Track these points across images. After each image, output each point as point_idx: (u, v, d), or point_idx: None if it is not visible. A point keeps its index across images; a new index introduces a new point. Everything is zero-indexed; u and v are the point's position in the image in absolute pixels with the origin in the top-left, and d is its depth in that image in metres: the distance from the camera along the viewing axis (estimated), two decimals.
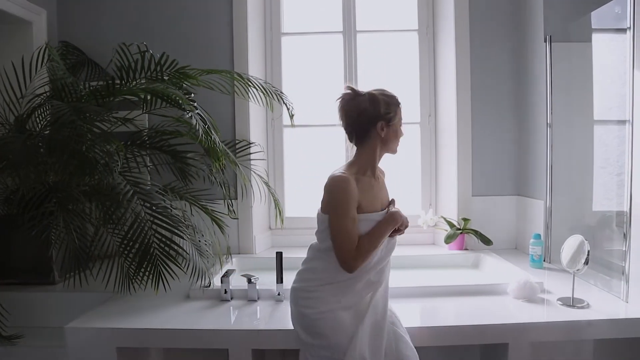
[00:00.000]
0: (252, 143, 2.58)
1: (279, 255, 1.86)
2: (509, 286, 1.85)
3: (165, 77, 2.04)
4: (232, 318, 1.72)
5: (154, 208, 1.73)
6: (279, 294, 1.85)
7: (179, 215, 1.84)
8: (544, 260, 2.28)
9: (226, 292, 1.86)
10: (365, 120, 1.45)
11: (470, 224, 2.54)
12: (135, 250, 1.66)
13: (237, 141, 2.56)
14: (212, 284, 1.93)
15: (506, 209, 2.61)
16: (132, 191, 1.72)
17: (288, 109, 2.39)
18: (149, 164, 2.28)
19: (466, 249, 2.56)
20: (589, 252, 1.68)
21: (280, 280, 1.85)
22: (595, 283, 1.94)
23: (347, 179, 1.41)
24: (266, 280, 1.97)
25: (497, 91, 2.58)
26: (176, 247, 1.69)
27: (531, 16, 2.41)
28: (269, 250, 2.70)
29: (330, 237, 1.41)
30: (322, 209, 1.45)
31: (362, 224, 1.41)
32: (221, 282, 1.87)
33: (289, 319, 1.53)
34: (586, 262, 1.69)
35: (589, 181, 2.11)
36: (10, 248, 2.10)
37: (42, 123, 2.05)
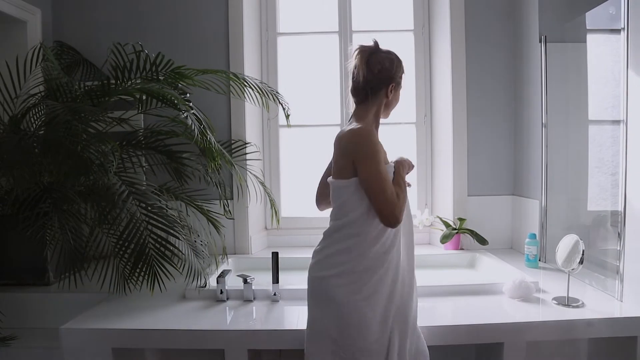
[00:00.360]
0: (248, 143, 2.57)
1: (274, 255, 1.86)
2: (504, 286, 1.86)
3: (161, 77, 2.03)
4: (228, 318, 1.72)
5: (149, 208, 1.72)
6: (275, 294, 1.85)
7: (174, 216, 1.84)
8: (539, 260, 2.29)
9: (222, 292, 1.86)
10: (383, 77, 1.43)
11: (466, 223, 2.55)
12: (131, 250, 1.66)
13: (233, 141, 2.56)
14: (207, 284, 1.92)
15: (502, 208, 2.62)
16: (127, 191, 1.71)
17: (284, 109, 2.39)
18: (144, 164, 2.27)
19: (462, 249, 2.57)
20: (583, 251, 1.69)
21: (276, 281, 1.85)
22: (590, 282, 1.95)
23: (371, 129, 1.39)
24: (262, 281, 1.97)
25: (492, 91, 2.59)
26: (172, 247, 1.68)
27: (526, 17, 2.42)
28: (264, 251, 2.69)
29: (368, 192, 1.32)
30: (344, 173, 1.37)
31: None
32: (217, 283, 1.87)
33: (285, 319, 1.53)
34: (581, 262, 1.69)
35: (583, 181, 2.12)
36: (4, 249, 2.09)
37: (36, 123, 2.04)
